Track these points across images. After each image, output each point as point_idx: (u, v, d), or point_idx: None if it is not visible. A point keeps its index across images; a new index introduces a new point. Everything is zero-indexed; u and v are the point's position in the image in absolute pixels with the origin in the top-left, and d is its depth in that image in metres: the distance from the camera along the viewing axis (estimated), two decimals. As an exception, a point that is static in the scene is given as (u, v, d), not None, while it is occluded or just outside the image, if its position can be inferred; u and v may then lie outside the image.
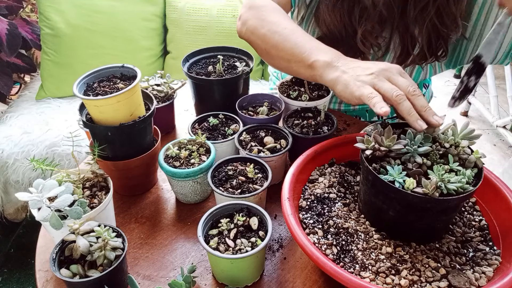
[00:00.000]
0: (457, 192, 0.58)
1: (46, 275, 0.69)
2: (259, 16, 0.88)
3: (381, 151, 0.64)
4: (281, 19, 0.87)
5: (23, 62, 1.86)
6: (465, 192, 0.59)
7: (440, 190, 0.58)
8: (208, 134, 0.90)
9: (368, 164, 0.63)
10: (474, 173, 0.62)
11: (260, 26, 0.87)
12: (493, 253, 0.64)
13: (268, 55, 0.88)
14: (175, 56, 1.88)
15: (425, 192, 0.58)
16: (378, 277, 0.60)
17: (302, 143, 0.85)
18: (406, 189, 0.59)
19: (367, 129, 0.73)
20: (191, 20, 1.82)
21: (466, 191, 0.59)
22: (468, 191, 0.59)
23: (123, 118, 0.77)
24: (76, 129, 0.79)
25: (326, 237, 0.66)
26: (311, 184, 0.76)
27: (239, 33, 0.95)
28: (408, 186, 0.59)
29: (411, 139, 0.65)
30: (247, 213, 0.69)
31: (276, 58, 0.86)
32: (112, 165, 0.80)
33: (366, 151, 0.65)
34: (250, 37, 0.91)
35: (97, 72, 0.83)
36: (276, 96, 0.99)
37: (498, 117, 2.33)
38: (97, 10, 1.73)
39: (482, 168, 0.63)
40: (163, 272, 0.70)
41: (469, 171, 0.61)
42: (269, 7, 0.90)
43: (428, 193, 0.58)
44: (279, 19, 0.86)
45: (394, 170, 0.61)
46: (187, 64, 1.03)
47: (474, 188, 0.59)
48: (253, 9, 0.91)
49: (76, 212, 0.64)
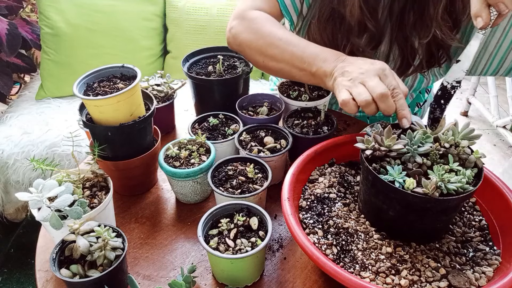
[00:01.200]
0: (457, 192, 0.58)
1: (46, 275, 0.69)
2: (253, 29, 0.87)
3: (381, 151, 0.64)
4: (275, 29, 0.86)
5: (23, 62, 1.86)
6: (465, 192, 0.59)
7: (440, 190, 0.58)
8: (208, 134, 0.90)
9: (368, 164, 0.63)
10: (474, 173, 0.62)
11: (255, 39, 0.87)
12: (493, 253, 0.64)
13: (265, 67, 0.89)
14: (175, 56, 1.88)
15: (425, 192, 0.58)
16: (378, 277, 0.60)
17: (302, 143, 0.85)
18: (406, 189, 0.59)
19: (367, 129, 0.73)
20: (191, 20, 1.82)
21: (466, 191, 0.59)
22: (468, 191, 0.59)
23: (123, 118, 0.77)
24: (76, 129, 0.79)
25: (326, 237, 0.66)
26: (311, 184, 0.76)
27: (230, 45, 0.94)
28: (408, 186, 0.59)
29: (411, 139, 0.65)
30: (247, 213, 0.69)
31: (275, 69, 0.87)
32: (112, 165, 0.80)
33: (366, 151, 0.65)
34: (245, 51, 0.91)
35: (97, 72, 0.83)
36: (276, 96, 0.99)
37: (498, 117, 2.33)
38: (97, 10, 1.73)
39: (482, 168, 0.63)
40: (163, 272, 0.70)
41: (469, 171, 0.61)
42: (261, 18, 0.89)
43: (428, 193, 0.58)
44: (273, 30, 0.86)
45: (394, 170, 0.61)
46: (187, 64, 1.03)
47: (474, 188, 0.59)
48: (246, 21, 0.89)
49: (76, 212, 0.64)
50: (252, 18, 0.89)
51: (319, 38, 0.92)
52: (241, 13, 0.91)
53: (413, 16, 0.87)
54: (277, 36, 0.84)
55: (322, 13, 0.90)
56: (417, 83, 1.08)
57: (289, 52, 0.82)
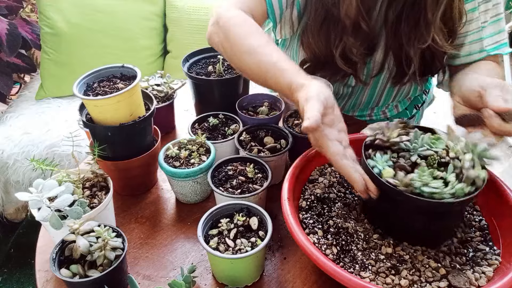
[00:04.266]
0: (428, 196, 0.58)
1: (46, 275, 0.69)
2: (224, 32, 0.80)
3: (382, 140, 0.65)
4: (247, 33, 0.78)
5: (23, 62, 1.86)
6: (438, 199, 0.57)
7: (412, 188, 0.58)
8: (208, 134, 0.90)
9: (364, 149, 0.65)
10: (468, 190, 0.58)
11: (227, 46, 0.80)
12: (493, 253, 0.64)
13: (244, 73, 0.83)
14: (175, 56, 1.88)
15: (395, 183, 0.59)
16: (378, 277, 0.60)
17: (302, 143, 0.85)
18: (380, 177, 0.60)
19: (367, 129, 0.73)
20: (191, 20, 1.81)
21: (439, 198, 0.57)
22: (442, 199, 0.57)
23: (123, 118, 0.77)
24: (76, 129, 0.79)
25: (326, 237, 0.66)
26: (311, 184, 0.76)
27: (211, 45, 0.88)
28: (384, 174, 0.60)
29: (416, 137, 0.65)
30: (247, 213, 0.69)
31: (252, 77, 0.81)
32: (112, 165, 0.80)
33: (368, 137, 0.66)
34: (222, 54, 0.85)
35: (97, 72, 0.83)
36: (276, 96, 0.99)
37: (498, 117, 2.33)
38: (97, 9, 1.73)
39: (479, 187, 0.59)
40: (163, 272, 0.70)
41: (461, 185, 0.58)
42: (235, 19, 0.80)
43: (398, 186, 0.58)
44: (245, 35, 0.78)
45: (380, 158, 0.62)
46: (187, 64, 1.03)
47: (454, 200, 0.57)
48: (219, 23, 0.81)
49: (76, 212, 0.64)
50: (226, 19, 0.81)
51: (313, 41, 0.91)
52: (217, 15, 0.83)
53: (409, 24, 0.86)
54: (246, 44, 0.77)
55: (317, 14, 0.89)
56: (413, 90, 1.08)
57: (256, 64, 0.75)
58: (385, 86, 1.02)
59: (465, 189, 0.58)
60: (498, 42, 0.90)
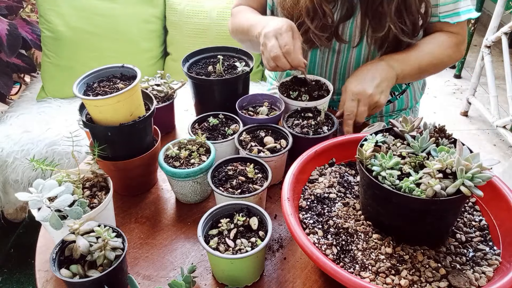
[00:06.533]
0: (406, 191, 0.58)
1: (46, 275, 0.69)
2: (233, 20, 1.16)
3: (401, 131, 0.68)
4: (245, 14, 1.11)
5: (23, 62, 1.86)
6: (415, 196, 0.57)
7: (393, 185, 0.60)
8: (208, 134, 0.90)
9: None
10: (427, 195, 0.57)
11: (233, 26, 1.16)
12: (493, 253, 0.64)
13: (242, 42, 1.15)
14: (175, 58, 1.88)
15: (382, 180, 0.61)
16: (378, 277, 0.60)
17: (302, 143, 0.85)
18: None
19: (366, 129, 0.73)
20: (191, 23, 1.81)
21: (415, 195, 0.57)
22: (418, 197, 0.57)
23: (123, 118, 0.77)
24: (76, 129, 0.79)
25: (326, 237, 0.66)
26: (311, 184, 0.76)
27: None
28: None
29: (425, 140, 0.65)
30: (247, 213, 0.69)
31: (244, 46, 1.13)
32: (112, 165, 0.80)
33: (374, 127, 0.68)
34: (233, 37, 1.19)
35: (97, 72, 0.83)
36: (276, 96, 0.99)
37: (498, 117, 2.33)
38: (97, 13, 1.73)
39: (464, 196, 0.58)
40: (163, 272, 0.70)
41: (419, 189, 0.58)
42: (237, 8, 1.17)
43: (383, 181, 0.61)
44: (243, 15, 1.11)
45: None
46: (187, 64, 1.03)
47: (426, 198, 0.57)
48: (232, 16, 1.18)
49: (76, 212, 0.64)
50: (235, 13, 1.16)
51: (288, 4, 1.00)
52: (232, 11, 1.19)
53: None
54: (243, 19, 1.09)
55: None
56: None
57: (246, 28, 1.05)
58: (369, 49, 1.03)
59: (421, 195, 0.57)
60: (453, 11, 0.99)
